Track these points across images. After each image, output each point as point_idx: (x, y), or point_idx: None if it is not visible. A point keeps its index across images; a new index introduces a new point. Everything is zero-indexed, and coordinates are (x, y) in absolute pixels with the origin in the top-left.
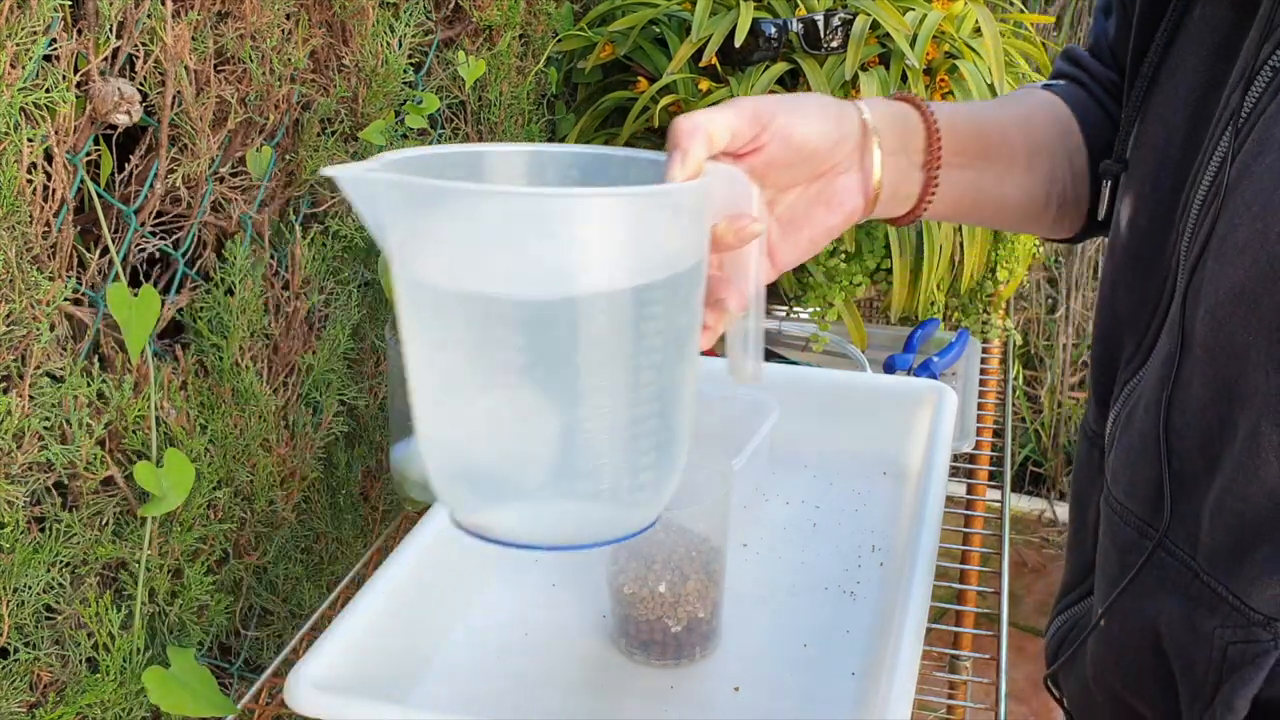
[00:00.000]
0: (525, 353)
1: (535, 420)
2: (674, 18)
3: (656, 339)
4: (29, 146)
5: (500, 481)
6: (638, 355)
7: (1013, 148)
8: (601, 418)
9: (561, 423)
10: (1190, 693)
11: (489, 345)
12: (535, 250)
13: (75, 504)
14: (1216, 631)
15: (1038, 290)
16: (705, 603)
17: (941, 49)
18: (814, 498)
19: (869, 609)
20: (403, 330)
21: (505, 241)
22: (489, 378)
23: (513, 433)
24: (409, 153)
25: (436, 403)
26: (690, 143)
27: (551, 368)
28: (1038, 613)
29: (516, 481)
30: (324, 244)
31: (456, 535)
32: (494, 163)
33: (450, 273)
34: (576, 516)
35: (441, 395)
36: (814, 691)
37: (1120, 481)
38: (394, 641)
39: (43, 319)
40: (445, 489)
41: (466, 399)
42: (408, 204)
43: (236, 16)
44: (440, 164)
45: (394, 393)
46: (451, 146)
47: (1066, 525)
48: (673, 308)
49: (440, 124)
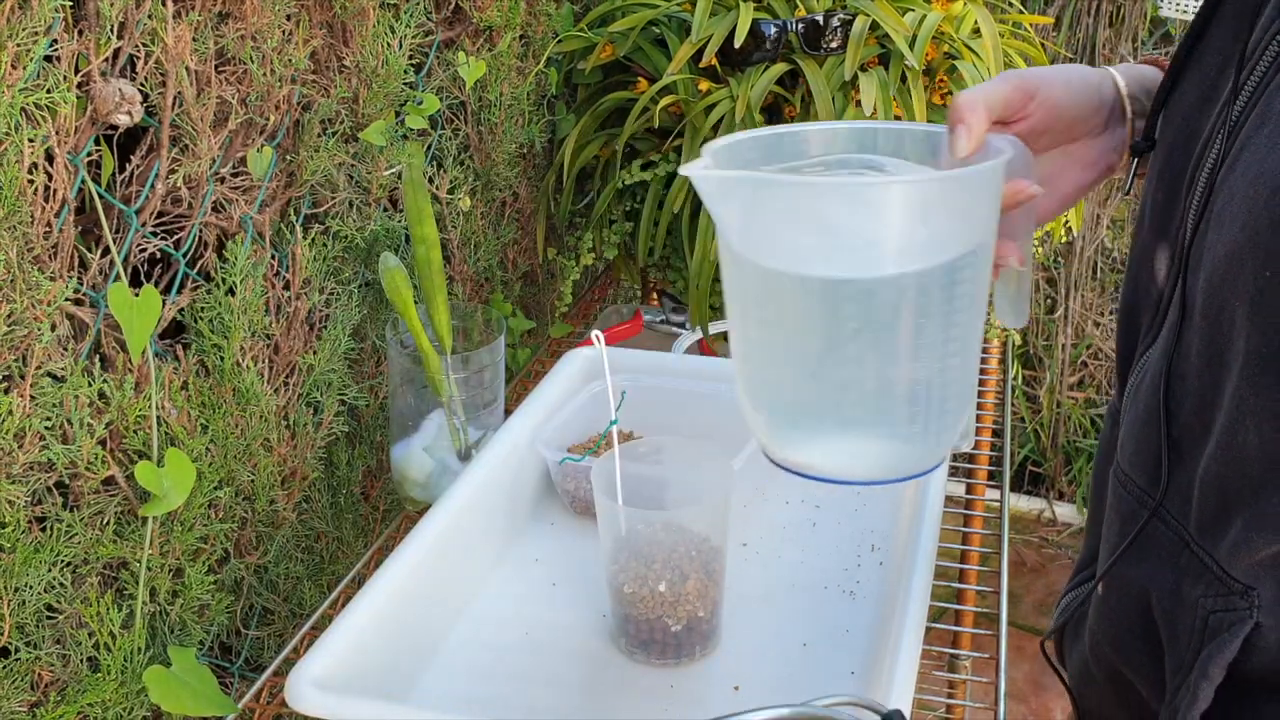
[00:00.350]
0: (856, 320)
1: (862, 374)
2: (674, 18)
3: (963, 301)
4: (30, 147)
5: (827, 426)
6: (949, 315)
7: None
8: (917, 371)
9: (885, 376)
10: (1175, 662)
11: (826, 317)
12: (863, 232)
13: (76, 503)
14: (1200, 600)
15: (1037, 290)
16: (705, 602)
17: (941, 49)
18: (814, 498)
19: (868, 608)
20: (735, 301)
21: (839, 227)
22: (822, 342)
23: (843, 385)
24: (735, 138)
25: (770, 362)
26: (973, 116)
27: (878, 332)
28: (1037, 612)
29: (841, 426)
30: (324, 244)
31: (456, 535)
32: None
33: (792, 258)
34: (890, 455)
35: (776, 355)
36: (813, 691)
37: (1127, 451)
38: (394, 641)
39: (44, 319)
40: (769, 432)
41: (800, 360)
42: (753, 198)
43: (237, 17)
44: (753, 146)
45: (394, 393)
46: (757, 131)
47: (1065, 525)
48: (977, 273)
49: (440, 124)
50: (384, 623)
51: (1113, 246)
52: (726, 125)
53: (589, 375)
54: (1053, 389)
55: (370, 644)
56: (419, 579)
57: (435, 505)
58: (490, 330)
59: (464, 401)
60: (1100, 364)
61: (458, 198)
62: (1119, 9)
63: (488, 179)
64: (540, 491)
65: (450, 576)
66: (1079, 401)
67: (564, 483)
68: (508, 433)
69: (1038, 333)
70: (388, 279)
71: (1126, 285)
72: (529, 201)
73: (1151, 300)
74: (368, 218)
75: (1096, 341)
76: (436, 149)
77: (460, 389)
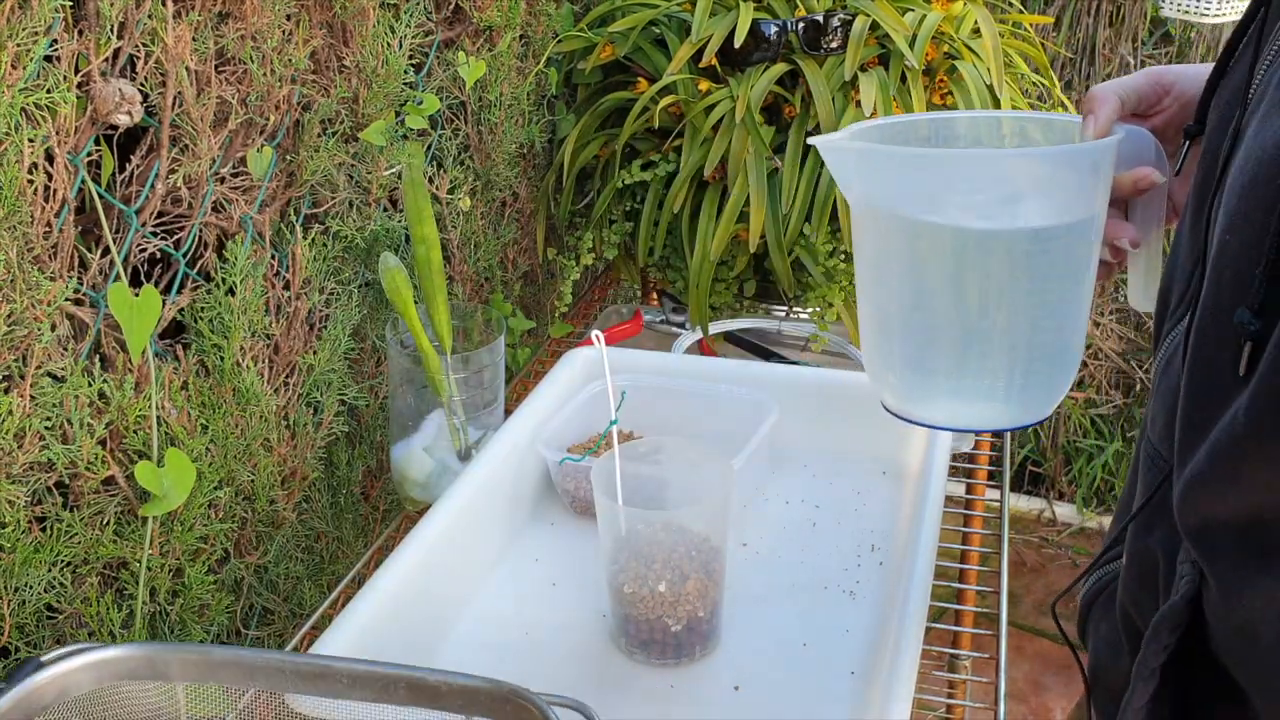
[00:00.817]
0: (955, 275)
1: (963, 333)
2: (674, 18)
3: (1056, 269)
4: (30, 147)
5: (939, 381)
6: (1044, 281)
7: None
8: (1010, 333)
9: (978, 334)
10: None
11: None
12: (982, 193)
13: (76, 503)
14: (1181, 566)
15: None
16: (705, 602)
17: (941, 50)
18: (814, 497)
19: (869, 608)
20: (868, 266)
21: (957, 187)
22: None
23: (950, 340)
24: (878, 122)
25: (886, 316)
26: (1100, 107)
27: (965, 285)
28: (1037, 612)
29: (943, 378)
30: (324, 244)
31: (456, 535)
32: (949, 127)
33: (917, 206)
34: (987, 411)
35: (893, 309)
36: (813, 691)
37: (1157, 425)
38: (394, 641)
39: (44, 319)
40: (887, 383)
41: (909, 312)
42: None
43: (237, 17)
44: (908, 130)
45: (394, 393)
46: (907, 115)
47: (1065, 524)
48: (1071, 244)
49: (440, 124)
50: (384, 623)
51: None
52: (726, 125)
53: (589, 375)
54: None
55: (370, 644)
56: (419, 579)
57: (435, 505)
58: (490, 330)
59: (464, 401)
60: (1100, 364)
61: (458, 198)
62: (1119, 9)
63: (488, 179)
64: (540, 491)
65: (450, 576)
66: (1079, 401)
67: (564, 483)
68: (508, 433)
69: None
70: (388, 279)
71: (1169, 262)
72: (529, 201)
73: (1182, 279)
74: (368, 218)
75: (1096, 341)
76: (436, 149)
77: (460, 389)
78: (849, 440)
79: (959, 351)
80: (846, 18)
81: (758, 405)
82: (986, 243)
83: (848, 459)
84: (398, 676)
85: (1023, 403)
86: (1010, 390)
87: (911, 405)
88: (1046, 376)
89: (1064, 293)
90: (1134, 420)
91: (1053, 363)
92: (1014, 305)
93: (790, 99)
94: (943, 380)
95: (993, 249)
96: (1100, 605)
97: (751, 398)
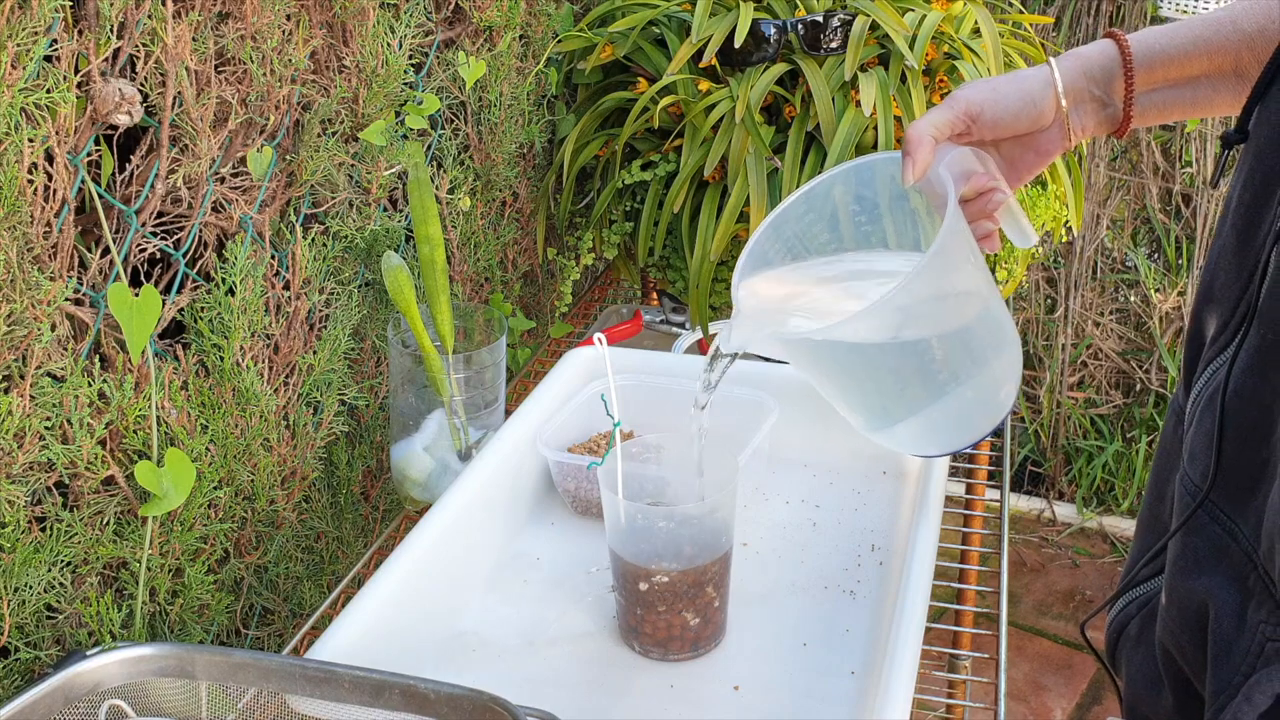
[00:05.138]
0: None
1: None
2: (674, 18)
3: (951, 333)
4: (30, 147)
5: (912, 425)
6: (943, 336)
7: (1221, 65)
8: (942, 370)
9: (907, 401)
10: (1220, 682)
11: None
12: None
13: (76, 503)
14: (1261, 625)
15: (1037, 290)
16: (706, 602)
17: (941, 49)
18: (814, 497)
19: (868, 608)
20: (832, 383)
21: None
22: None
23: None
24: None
25: (864, 394)
26: (917, 150)
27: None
28: (1036, 612)
29: (920, 419)
30: (324, 244)
31: (457, 535)
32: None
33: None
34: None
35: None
36: (813, 691)
37: (1197, 462)
38: (394, 641)
39: (44, 319)
40: (900, 443)
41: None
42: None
43: (237, 17)
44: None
45: (395, 392)
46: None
47: (1065, 524)
48: (959, 306)
49: (440, 124)
50: (384, 622)
51: (1113, 246)
52: (726, 125)
53: (589, 375)
54: (1053, 389)
55: (370, 644)
56: (419, 578)
57: (435, 505)
58: (491, 330)
59: (465, 401)
60: (1100, 364)
61: (458, 198)
62: (1119, 9)
63: (488, 179)
64: (540, 491)
65: (450, 576)
66: (1079, 401)
67: (564, 483)
68: (508, 432)
69: (1038, 333)
70: (391, 278)
71: (1201, 285)
72: (529, 201)
73: (1225, 304)
74: (367, 218)
75: (1096, 341)
76: (436, 149)
77: (461, 389)
78: (849, 440)
79: (907, 414)
80: (846, 18)
81: (758, 405)
82: (884, 350)
83: (848, 459)
84: (392, 683)
85: (973, 419)
86: (961, 418)
87: (888, 444)
88: (985, 398)
89: (965, 337)
90: (1134, 420)
91: (982, 388)
92: (926, 376)
93: (790, 99)
94: (901, 430)
95: (889, 351)
96: (1133, 633)
97: (751, 398)
